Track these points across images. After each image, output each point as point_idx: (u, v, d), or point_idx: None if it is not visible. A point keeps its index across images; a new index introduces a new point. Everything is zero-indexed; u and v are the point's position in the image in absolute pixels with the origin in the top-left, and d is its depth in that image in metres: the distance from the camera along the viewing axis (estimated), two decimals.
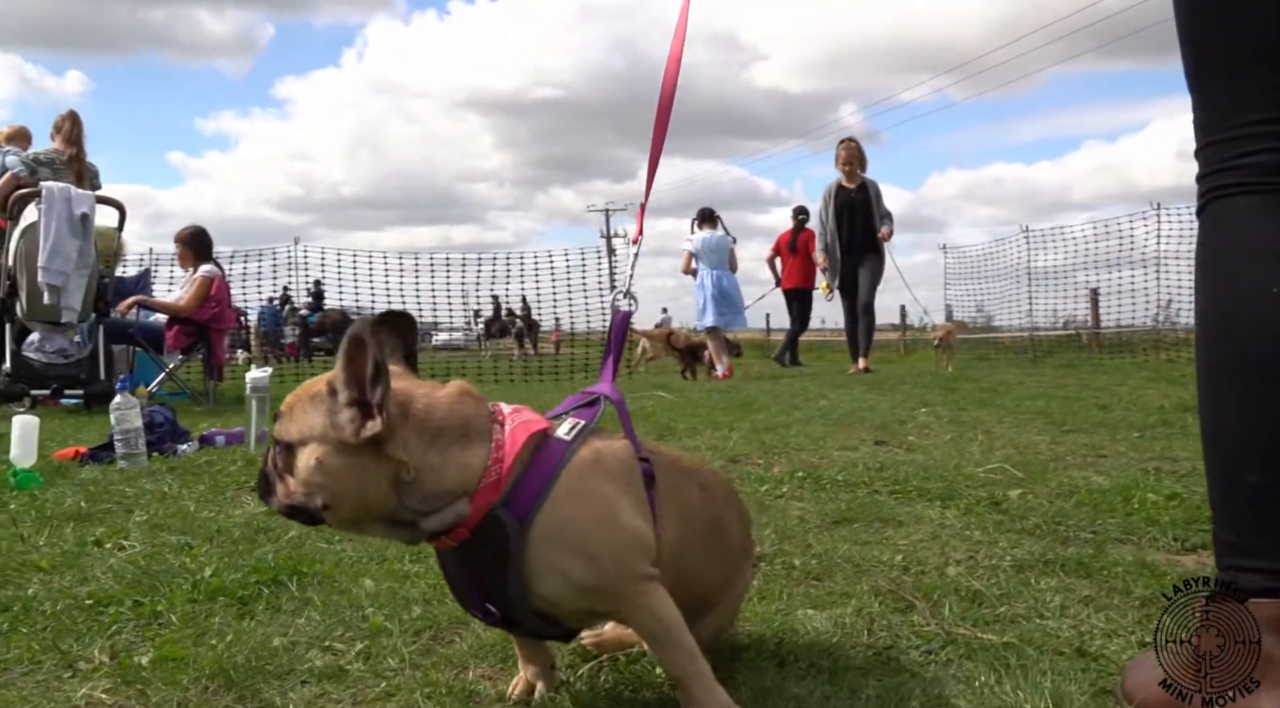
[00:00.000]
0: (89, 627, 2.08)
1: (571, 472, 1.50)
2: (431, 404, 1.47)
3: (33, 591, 2.34)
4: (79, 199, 7.33)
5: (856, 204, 11.42)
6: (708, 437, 5.12)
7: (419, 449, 1.44)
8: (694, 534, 1.67)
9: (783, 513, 3.30)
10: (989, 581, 2.43)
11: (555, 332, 30.94)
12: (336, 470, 1.43)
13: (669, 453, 1.76)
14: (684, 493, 1.67)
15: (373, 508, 1.46)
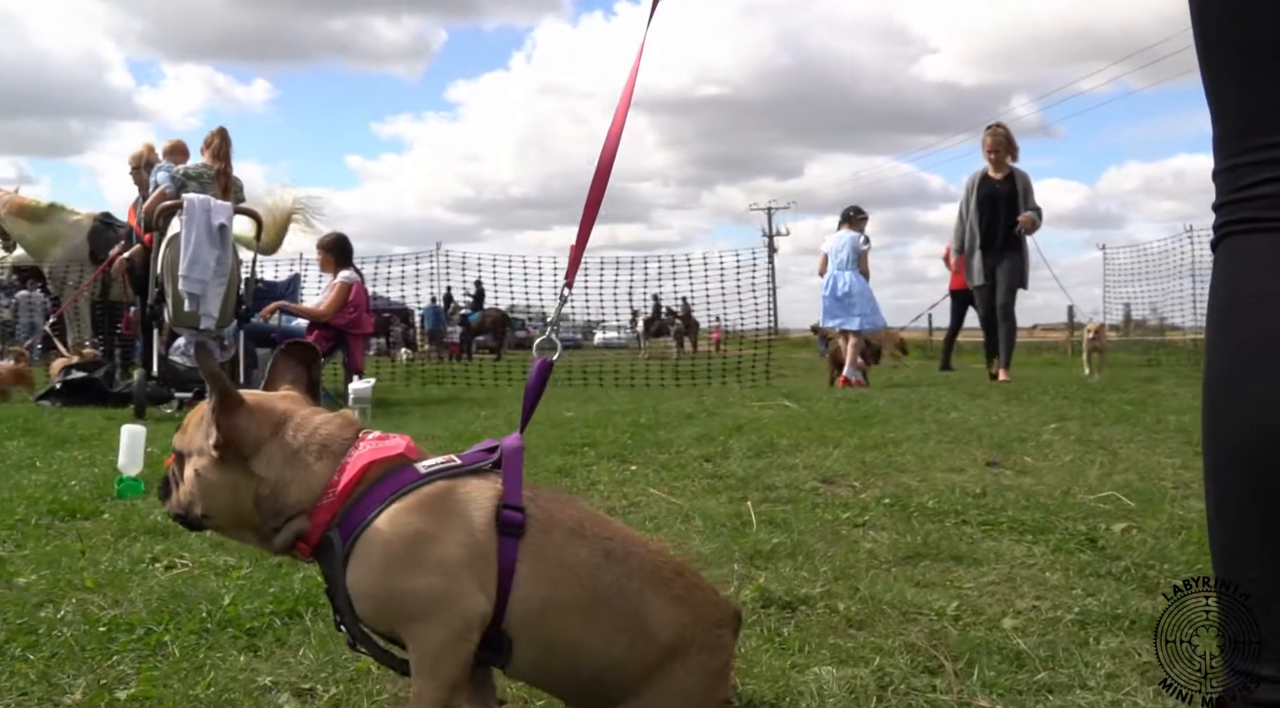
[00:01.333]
0: (94, 656, 2.10)
1: (402, 503, 1.53)
2: (299, 426, 1.61)
3: (64, 613, 2.38)
4: (217, 210, 7.61)
5: (1001, 196, 10.40)
6: (809, 453, 4.95)
7: (277, 467, 1.58)
8: (572, 601, 1.56)
9: (852, 546, 3.14)
10: (1041, 638, 2.24)
11: (715, 331, 30.90)
12: (211, 483, 1.60)
13: (576, 511, 1.65)
14: (567, 554, 1.57)
15: (243, 519, 1.61)
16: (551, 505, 1.62)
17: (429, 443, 5.60)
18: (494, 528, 1.53)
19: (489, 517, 1.54)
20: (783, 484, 4.18)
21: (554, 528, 1.58)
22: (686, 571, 1.71)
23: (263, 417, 1.60)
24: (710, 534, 3.31)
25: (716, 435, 5.71)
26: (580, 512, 1.67)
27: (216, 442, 1.57)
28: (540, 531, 1.56)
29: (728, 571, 2.84)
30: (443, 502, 1.55)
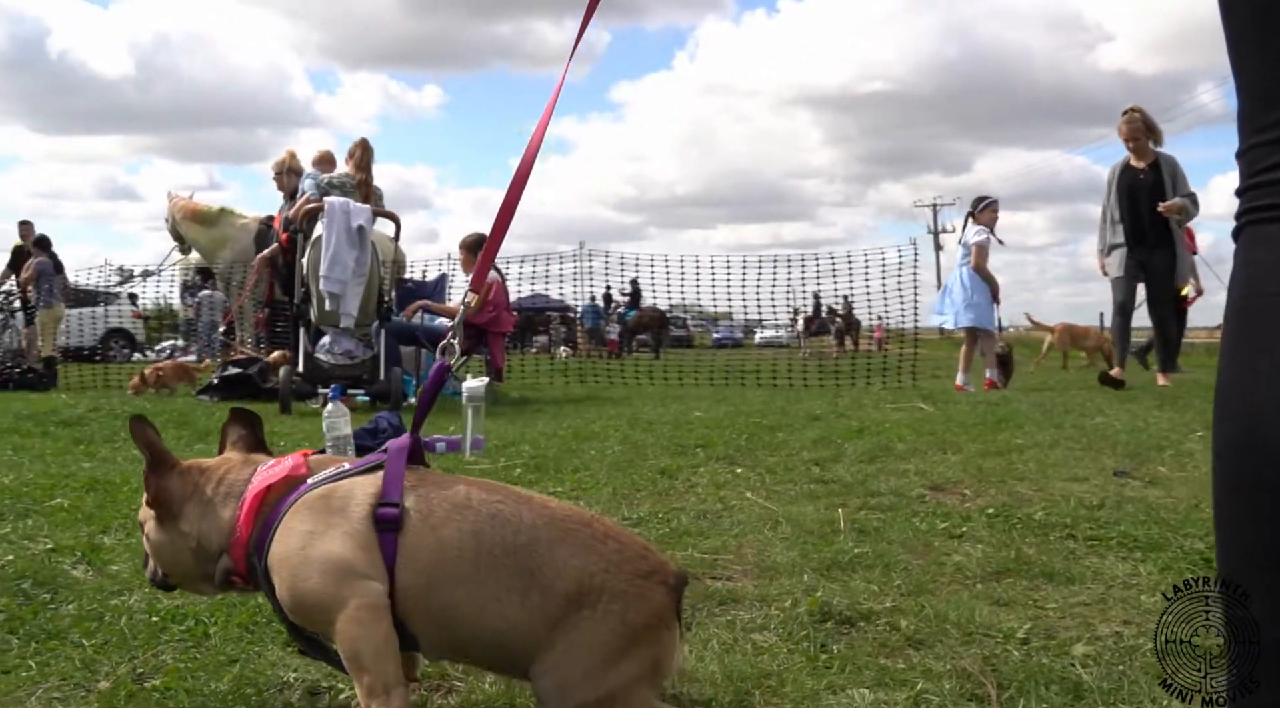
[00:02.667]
0: (142, 645, 2.17)
1: (291, 513, 1.67)
2: (207, 479, 1.79)
3: (132, 602, 2.47)
4: (356, 212, 7.86)
5: (1145, 186, 9.40)
6: (924, 459, 4.79)
7: (196, 521, 1.76)
8: (456, 572, 1.61)
9: (939, 559, 3.02)
10: (1110, 669, 2.09)
11: (878, 329, 30.45)
12: (160, 543, 1.81)
13: (464, 487, 1.69)
14: (447, 530, 1.62)
15: (190, 572, 1.81)
16: (433, 489, 1.67)
17: (549, 439, 5.65)
18: (371, 523, 1.62)
19: (366, 512, 1.63)
20: (887, 491, 4.05)
21: (434, 510, 1.64)
22: (601, 524, 1.69)
23: (189, 478, 1.79)
24: (793, 542, 3.22)
25: (835, 438, 5.59)
26: (471, 485, 1.70)
27: (147, 500, 1.78)
28: (419, 515, 1.63)
29: (795, 581, 2.75)
30: (323, 505, 1.66)
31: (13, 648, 2.17)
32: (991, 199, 10.74)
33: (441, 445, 5.32)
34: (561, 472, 4.60)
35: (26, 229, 14.90)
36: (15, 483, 4.29)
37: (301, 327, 8.32)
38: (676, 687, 2.00)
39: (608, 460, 4.94)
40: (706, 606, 2.55)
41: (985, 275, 10.38)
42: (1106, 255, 9.80)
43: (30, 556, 2.97)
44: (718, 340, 49.16)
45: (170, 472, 1.79)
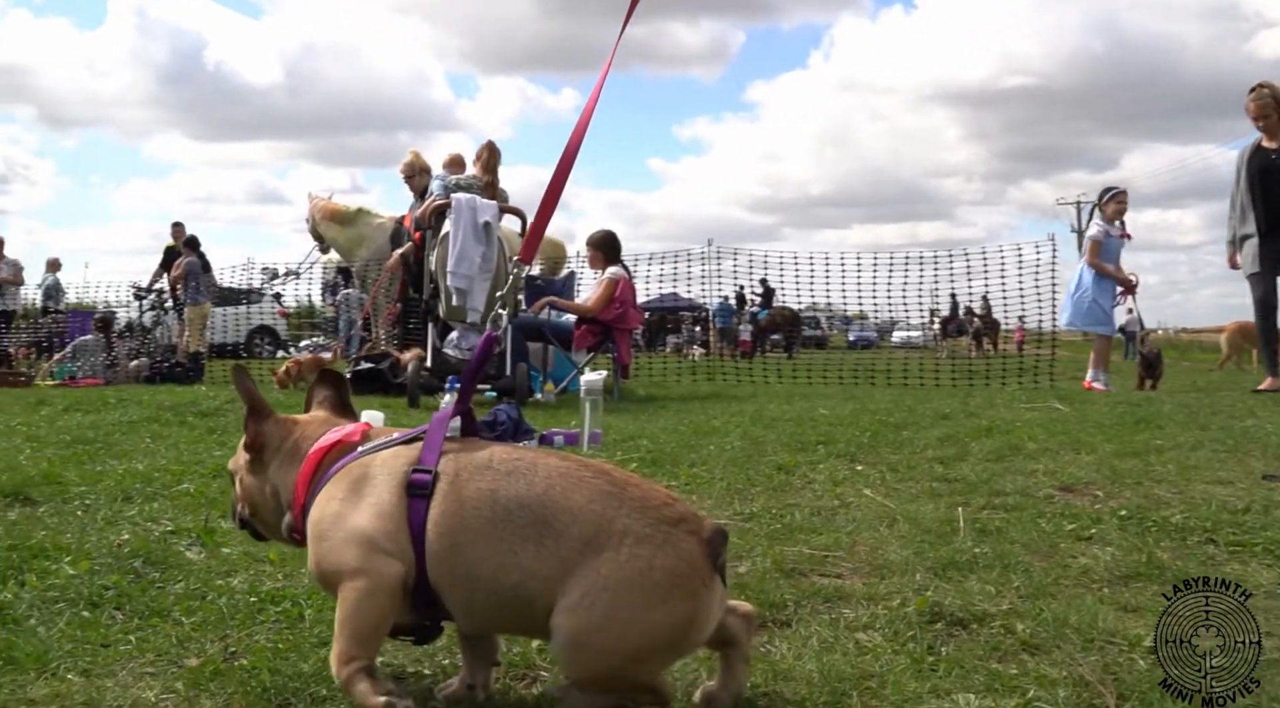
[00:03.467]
0: (239, 625, 2.18)
1: (331, 480, 1.75)
2: (290, 435, 1.88)
3: (237, 582, 2.50)
4: (483, 208, 7.93)
5: (1278, 168, 8.55)
6: (1054, 459, 4.58)
7: (276, 472, 1.88)
8: (475, 529, 1.62)
9: (1064, 562, 2.86)
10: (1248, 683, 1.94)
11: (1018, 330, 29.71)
12: (249, 487, 1.93)
13: (489, 449, 1.72)
14: (468, 490, 1.65)
15: (269, 521, 1.93)
16: (463, 455, 1.71)
17: (668, 435, 5.60)
18: (403, 492, 1.66)
19: (399, 482, 1.67)
20: (1013, 490, 3.88)
21: (460, 472, 1.67)
22: (621, 473, 1.68)
23: (282, 428, 1.89)
24: (908, 540, 3.10)
25: (961, 437, 5.39)
26: (494, 447, 1.72)
27: (245, 442, 1.89)
28: (448, 480, 1.66)
29: (906, 580, 2.64)
30: (360, 473, 1.72)
31: (116, 624, 2.21)
32: (1117, 190, 10.13)
33: (559, 439, 5.31)
34: (677, 466, 4.54)
35: (178, 230, 15.55)
36: (148, 468, 4.42)
37: (430, 322, 8.45)
38: (769, 684, 1.92)
39: (725, 456, 4.86)
40: (810, 602, 2.45)
41: (1103, 272, 9.85)
42: (1238, 248, 8.91)
43: (148, 536, 3.04)
44: (853, 341, 48.52)
45: (267, 419, 1.90)
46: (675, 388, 11.20)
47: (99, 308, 18.24)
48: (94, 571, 2.59)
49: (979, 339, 33.11)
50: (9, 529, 3.14)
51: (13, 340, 14.77)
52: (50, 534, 3.07)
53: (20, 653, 1.95)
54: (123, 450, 5.10)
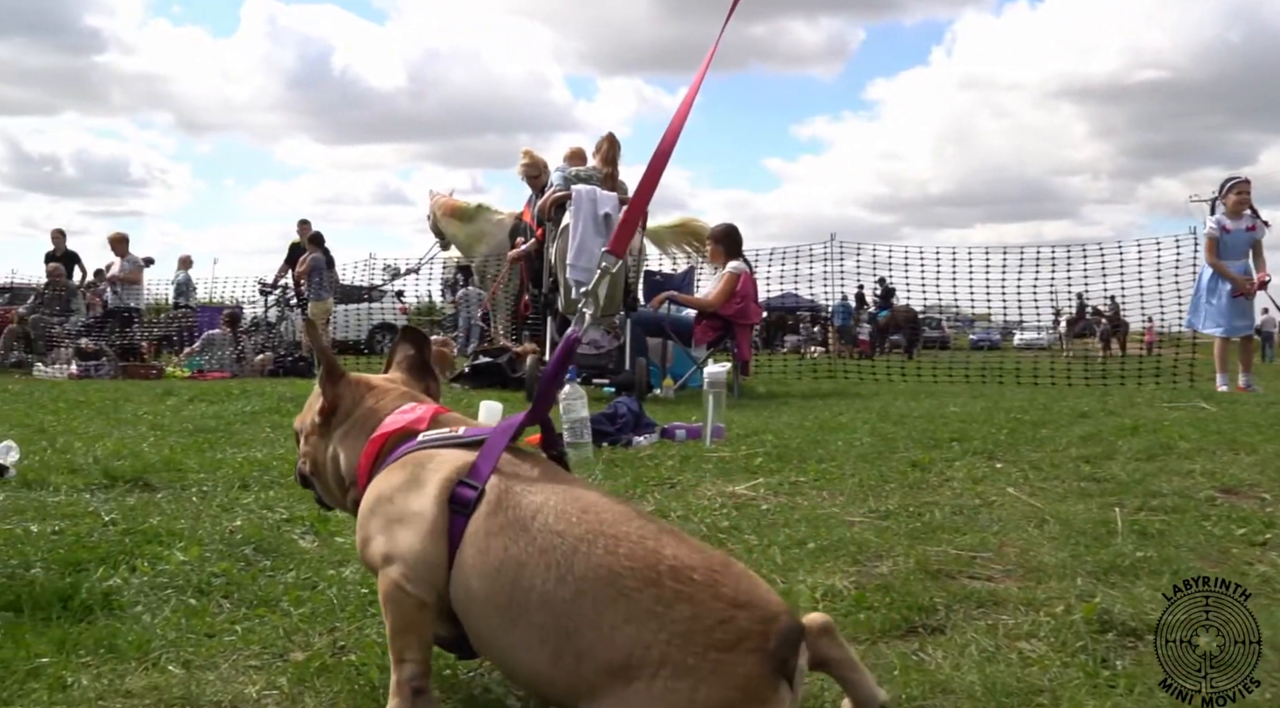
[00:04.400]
0: (348, 617, 2.06)
1: (388, 468, 1.63)
2: (360, 400, 1.77)
3: (348, 572, 2.39)
4: (603, 200, 7.79)
5: None
6: (1211, 459, 4.24)
7: (340, 438, 1.77)
8: (492, 597, 1.44)
9: (1240, 569, 2.60)
10: None
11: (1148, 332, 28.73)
12: (313, 446, 1.83)
13: (543, 496, 1.48)
14: (495, 544, 1.45)
15: (330, 485, 1.82)
16: (517, 486, 1.51)
17: (793, 430, 5.39)
18: (446, 501, 1.52)
19: (447, 490, 1.53)
20: (1170, 491, 3.58)
21: (501, 511, 1.48)
22: (677, 580, 1.35)
23: (356, 393, 1.79)
24: (1061, 542, 2.86)
25: (1106, 436, 5.07)
26: (554, 493, 1.48)
27: (321, 407, 1.79)
28: (487, 512, 1.49)
29: (1066, 585, 2.40)
30: (415, 469, 1.59)
31: (224, 612, 2.11)
32: (1237, 180, 9.49)
33: (681, 432, 5.14)
34: (805, 462, 4.33)
35: (304, 227, 15.81)
36: (266, 457, 4.39)
37: (549, 316, 8.36)
38: (927, 697, 1.71)
39: (855, 452, 4.63)
40: (962, 607, 2.24)
41: (1219, 271, 9.24)
42: None
43: (261, 524, 2.97)
44: (975, 342, 47.45)
45: (341, 380, 1.80)
46: (796, 385, 10.94)
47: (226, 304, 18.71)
48: (204, 557, 2.51)
49: (1107, 341, 32.09)
50: (125, 514, 3.10)
51: (144, 334, 15.18)
52: (165, 520, 3.02)
53: (122, 641, 1.86)
54: (243, 440, 5.10)
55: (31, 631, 1.94)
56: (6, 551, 2.61)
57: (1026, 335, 41.54)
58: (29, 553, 2.58)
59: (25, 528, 2.90)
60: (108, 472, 3.82)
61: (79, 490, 3.58)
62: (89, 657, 1.82)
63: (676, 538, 1.43)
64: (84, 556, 2.53)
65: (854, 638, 2.06)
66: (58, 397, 7.70)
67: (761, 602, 1.36)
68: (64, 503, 3.33)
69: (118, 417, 6.24)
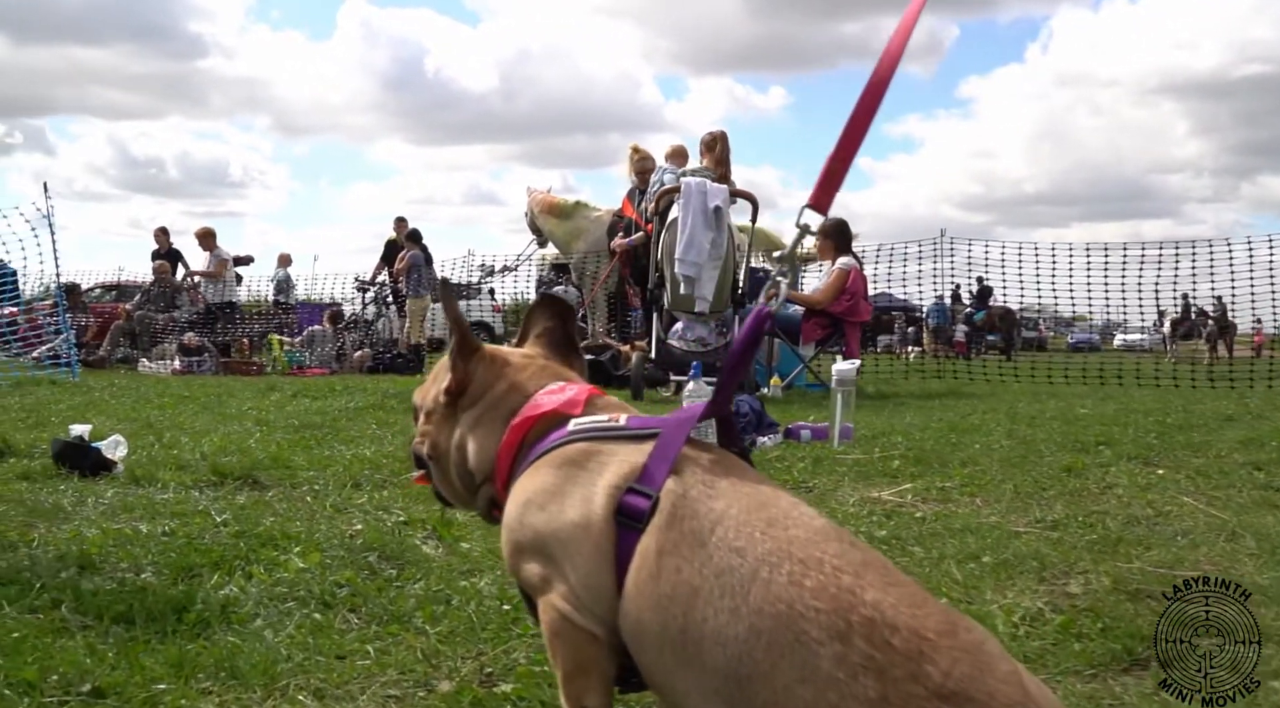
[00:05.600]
0: (490, 638, 1.83)
1: (535, 466, 1.32)
2: (497, 379, 1.46)
3: (482, 585, 2.16)
4: (713, 192, 7.52)
5: None
6: None
7: (470, 423, 1.46)
8: (662, 630, 1.13)
9: None
10: None
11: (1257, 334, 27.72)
12: (436, 427, 1.51)
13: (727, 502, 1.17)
14: (667, 564, 1.14)
15: (451, 475, 1.50)
16: (694, 491, 1.20)
17: (921, 431, 5.07)
18: (613, 511, 1.21)
19: (610, 498, 1.22)
20: None
21: (676, 524, 1.17)
22: (881, 628, 1.01)
23: (492, 371, 1.48)
24: (1268, 560, 2.53)
25: (1267, 440, 4.68)
26: (732, 506, 1.16)
27: (449, 385, 1.49)
28: (661, 526, 1.17)
29: None
30: (571, 469, 1.28)
31: (352, 629, 1.89)
32: None
33: (807, 433, 4.85)
34: (947, 465, 4.03)
35: (400, 224, 15.80)
36: (375, 455, 4.22)
37: (655, 313, 8.12)
38: None
39: (997, 455, 4.32)
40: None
41: None
42: None
43: (381, 527, 2.76)
44: (1074, 343, 46.28)
45: (475, 356, 1.49)
46: (904, 385, 10.57)
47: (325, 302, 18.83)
48: (325, 565, 2.30)
49: (1214, 343, 31.00)
50: (237, 514, 2.93)
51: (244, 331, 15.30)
52: (278, 521, 2.84)
53: (245, 663, 1.65)
54: (349, 436, 4.95)
55: (146, 648, 1.74)
56: (116, 552, 2.44)
57: (1128, 337, 40.38)
58: (139, 555, 2.41)
59: (134, 527, 2.74)
60: (216, 469, 3.66)
61: (187, 488, 3.43)
62: (209, 681, 1.61)
63: (883, 575, 1.08)
64: (196, 560, 2.35)
65: (1073, 671, 1.77)
66: (163, 392, 7.68)
67: (983, 697, 0.97)
68: (173, 501, 3.18)
69: (222, 412, 6.15)
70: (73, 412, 5.95)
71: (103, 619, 1.89)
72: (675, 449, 1.23)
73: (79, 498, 3.20)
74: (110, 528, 2.73)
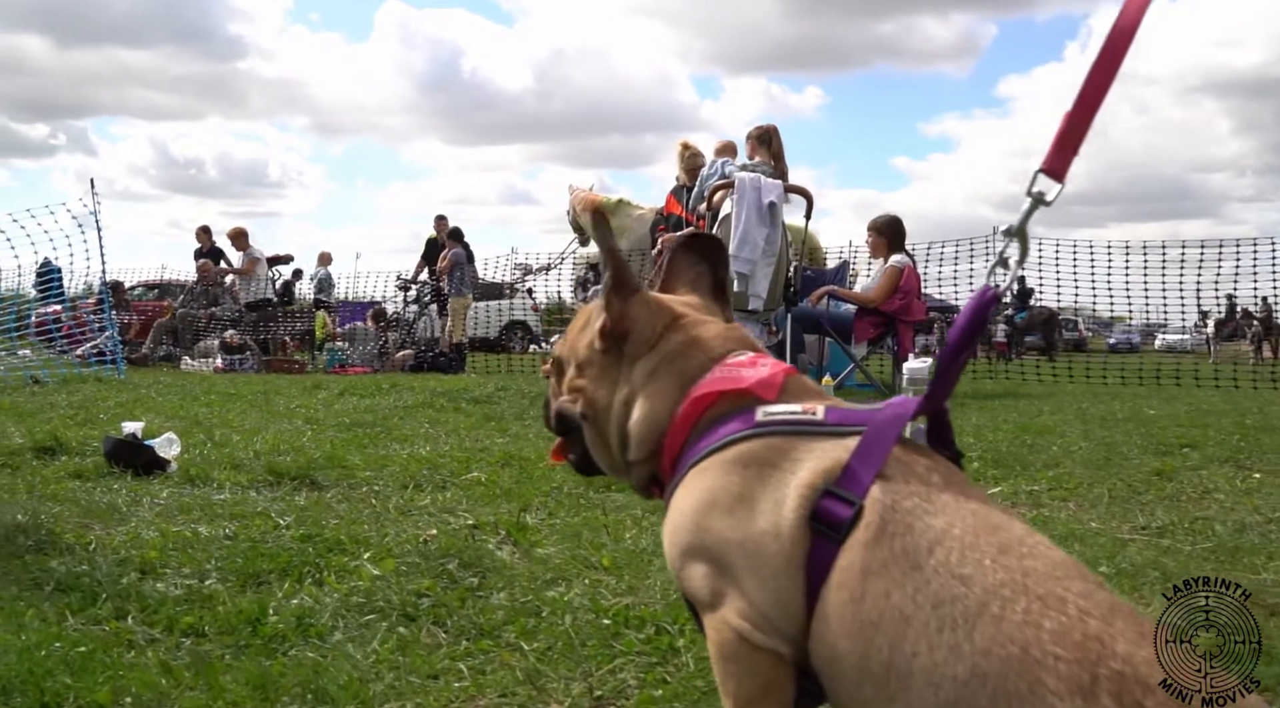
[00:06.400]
0: (593, 655, 1.67)
1: (714, 459, 1.11)
2: (669, 327, 1.25)
3: (573, 595, 2.01)
4: (768, 188, 7.34)
5: None
6: None
7: (642, 377, 1.24)
8: (863, 663, 0.95)
9: None
10: None
11: None
12: (593, 381, 1.29)
13: (948, 519, 0.98)
14: (874, 588, 0.96)
15: (607, 439, 1.27)
16: (908, 502, 1.01)
17: (993, 432, 4.89)
18: (807, 519, 1.02)
19: (805, 501, 1.03)
20: None
21: (885, 540, 0.99)
22: (1127, 697, 0.84)
23: (658, 317, 1.26)
24: None
25: None
26: (955, 523, 0.98)
27: (604, 327, 1.27)
28: (867, 540, 0.99)
29: None
30: (760, 468, 1.08)
31: (441, 645, 1.75)
32: None
33: None
34: (1029, 467, 3.85)
35: (441, 223, 15.70)
36: (432, 454, 4.09)
37: None
38: None
39: (1078, 457, 4.14)
40: None
41: None
42: None
43: (452, 531, 2.62)
44: (1113, 344, 45.73)
45: (635, 298, 1.26)
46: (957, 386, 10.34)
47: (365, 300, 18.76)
48: (401, 572, 2.16)
49: (1259, 344, 30.51)
50: (299, 517, 2.80)
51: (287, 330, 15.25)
52: (343, 524, 2.70)
53: (332, 684, 1.50)
54: (403, 435, 4.82)
55: (222, 665, 1.60)
56: (178, 556, 2.32)
57: (1169, 338, 39.85)
58: (201, 560, 2.28)
59: (194, 530, 2.62)
60: (272, 468, 3.54)
61: (244, 488, 3.31)
62: (295, 704, 1.46)
63: (1134, 624, 0.91)
64: (263, 565, 2.22)
65: None
66: (209, 389, 7.60)
67: None
68: (230, 502, 3.06)
69: (270, 409, 6.05)
70: (121, 409, 5.86)
71: (172, 632, 1.76)
72: (884, 450, 1.05)
73: (134, 498, 3.09)
74: (169, 530, 2.61)
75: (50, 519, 2.68)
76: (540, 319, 24.88)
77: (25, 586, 2.04)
